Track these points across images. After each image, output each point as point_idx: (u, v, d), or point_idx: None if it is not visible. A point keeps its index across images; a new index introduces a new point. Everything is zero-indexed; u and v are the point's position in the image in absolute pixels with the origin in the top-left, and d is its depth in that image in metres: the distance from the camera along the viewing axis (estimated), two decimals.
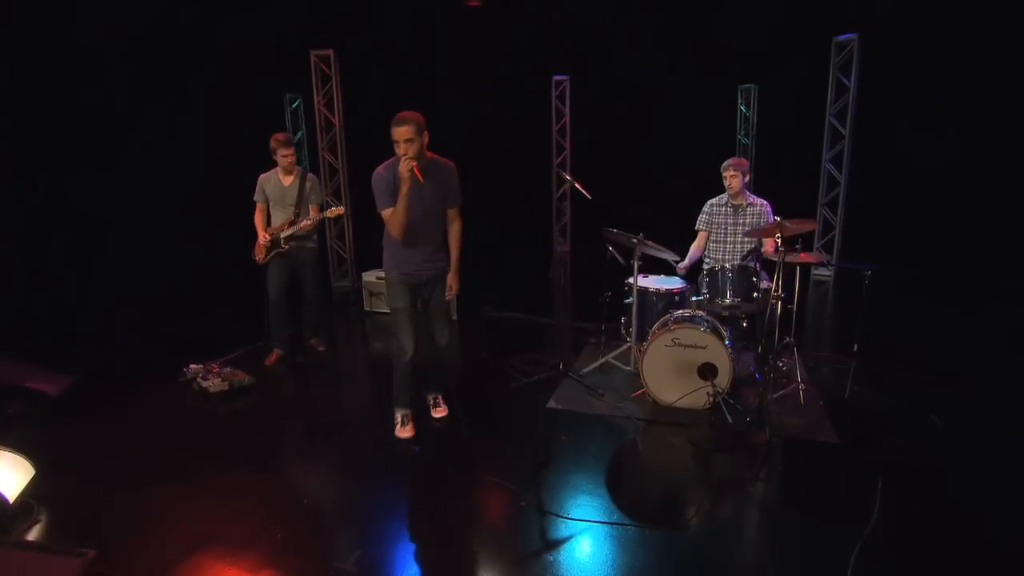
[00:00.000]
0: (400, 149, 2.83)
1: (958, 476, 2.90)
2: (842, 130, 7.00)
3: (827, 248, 7.28)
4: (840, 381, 3.91)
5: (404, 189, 2.85)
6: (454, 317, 5.61)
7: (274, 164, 4.27)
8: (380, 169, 2.96)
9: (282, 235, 4.29)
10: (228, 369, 4.16)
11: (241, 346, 4.75)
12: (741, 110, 9.43)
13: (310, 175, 4.38)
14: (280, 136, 4.20)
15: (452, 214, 3.19)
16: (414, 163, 2.81)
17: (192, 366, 4.19)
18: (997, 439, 3.27)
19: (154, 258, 6.02)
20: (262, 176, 4.31)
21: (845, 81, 6.91)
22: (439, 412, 3.56)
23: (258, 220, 4.32)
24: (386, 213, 2.94)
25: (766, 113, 9.19)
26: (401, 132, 2.81)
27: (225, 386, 3.93)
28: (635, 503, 2.73)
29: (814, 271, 7.30)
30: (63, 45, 5.29)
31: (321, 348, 4.83)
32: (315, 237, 4.49)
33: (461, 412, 3.44)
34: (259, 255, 4.35)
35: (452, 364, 4.68)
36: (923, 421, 3.39)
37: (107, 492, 2.85)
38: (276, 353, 4.57)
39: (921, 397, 3.63)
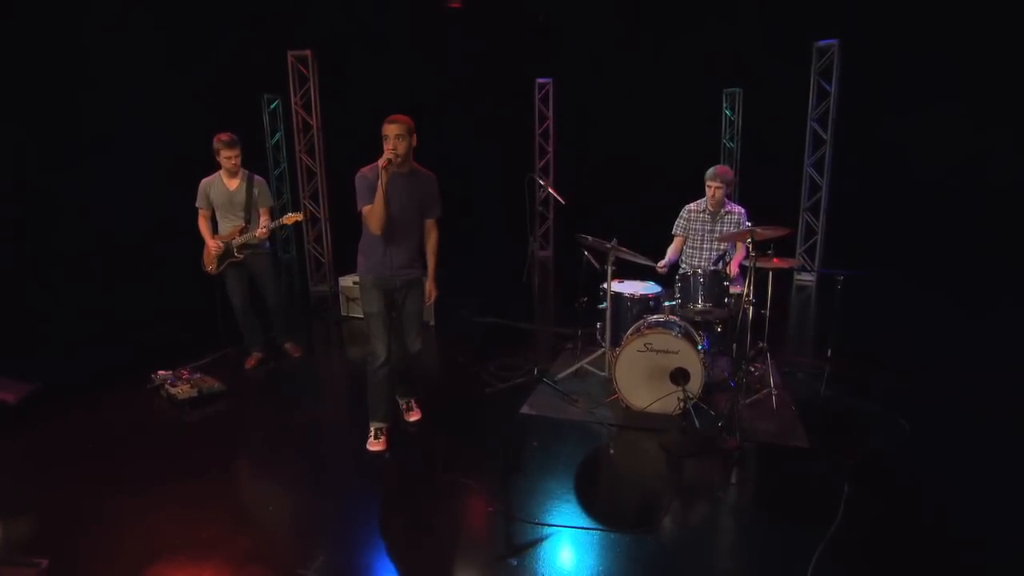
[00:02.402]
0: (389, 144, 2.95)
1: (923, 479, 2.98)
2: (823, 135, 7.14)
3: (809, 253, 7.41)
4: (814, 386, 4.00)
5: (383, 179, 2.93)
6: (432, 323, 5.65)
7: (217, 167, 4.13)
8: (364, 170, 3.08)
9: (234, 243, 4.19)
10: (198, 375, 4.16)
11: (212, 352, 4.74)
12: (726, 114, 9.57)
13: (257, 178, 4.24)
14: (224, 136, 4.01)
15: (431, 224, 3.30)
16: (393, 157, 2.92)
17: (160, 372, 4.17)
18: (965, 442, 3.36)
19: (122, 262, 5.99)
20: (204, 180, 4.14)
21: (826, 86, 7.05)
22: (412, 416, 3.62)
23: (203, 227, 4.19)
24: (366, 209, 3.04)
25: (751, 117, 9.34)
26: (392, 128, 2.96)
27: (194, 392, 3.93)
28: (603, 507, 2.78)
29: (796, 277, 7.42)
30: (33, 44, 5.29)
31: (296, 354, 4.84)
32: (268, 244, 4.39)
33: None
34: (209, 265, 4.24)
35: (427, 369, 4.74)
36: (893, 425, 3.48)
37: (65, 502, 2.84)
38: (255, 356, 4.58)
39: (892, 401, 3.72)
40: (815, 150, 7.25)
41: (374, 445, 3.29)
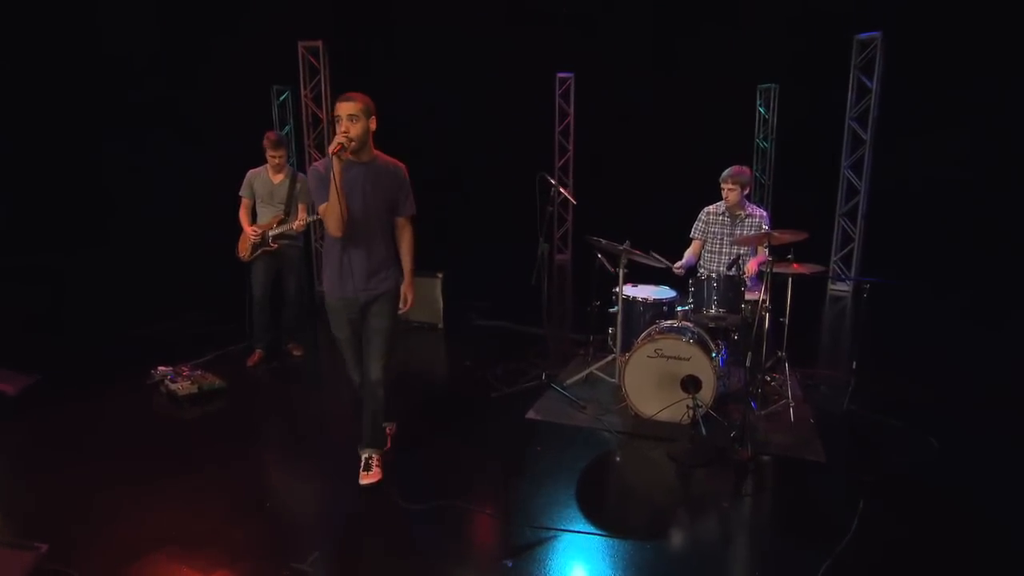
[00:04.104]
0: (341, 126, 2.72)
1: (950, 500, 3.03)
2: (863, 135, 7.15)
3: (845, 261, 7.42)
4: (838, 399, 4.06)
5: (336, 169, 2.67)
6: (440, 325, 5.83)
7: (264, 161, 4.58)
8: (317, 163, 2.85)
9: (271, 233, 4.57)
10: (198, 372, 4.39)
11: (215, 349, 4.98)
12: (760, 111, 9.61)
13: (300, 175, 4.67)
14: (272, 136, 4.52)
15: (403, 223, 3.04)
16: (345, 141, 2.67)
17: (161, 368, 4.42)
18: (996, 463, 3.40)
19: (129, 257, 6.29)
20: (251, 171, 4.61)
21: (867, 83, 7.05)
22: (366, 478, 3.05)
23: (243, 215, 4.60)
24: (322, 208, 2.80)
25: (787, 115, 9.37)
26: (346, 107, 2.73)
27: (194, 389, 4.15)
28: (604, 514, 2.90)
29: (831, 286, 7.44)
30: (53, 37, 5.63)
31: (297, 353, 5.06)
32: (301, 238, 4.79)
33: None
34: (244, 252, 4.62)
35: (433, 372, 4.91)
36: (920, 442, 3.53)
37: (64, 492, 3.05)
38: (258, 353, 4.84)
39: (921, 417, 3.77)
40: (853, 151, 7.27)
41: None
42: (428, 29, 8.17)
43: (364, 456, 3.11)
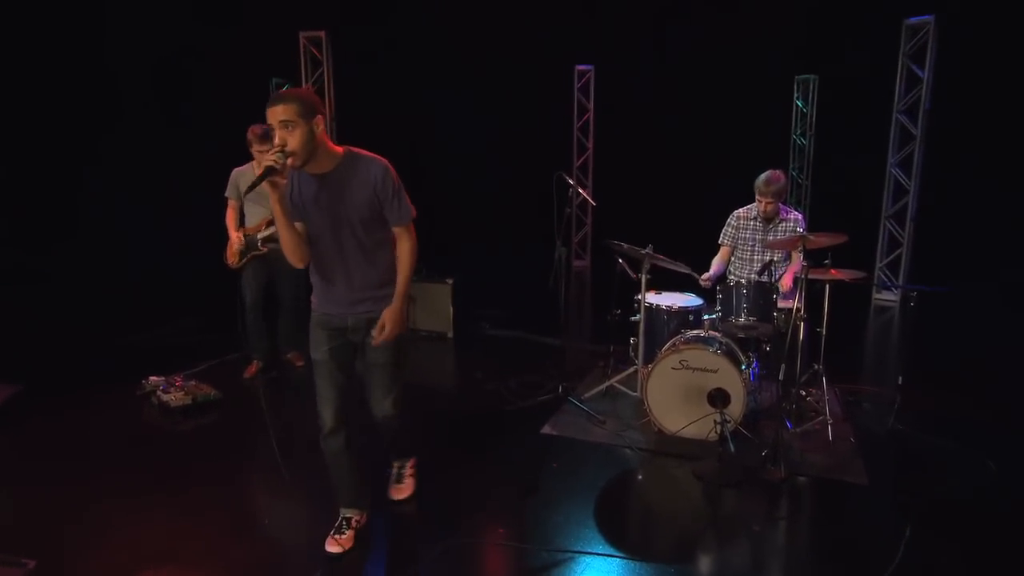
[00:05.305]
0: (276, 139, 2.34)
1: (1007, 527, 3.01)
2: (913, 129, 7.14)
3: (892, 268, 7.39)
4: (882, 417, 4.07)
5: (274, 196, 2.40)
6: (450, 334, 5.91)
7: (251, 157, 4.59)
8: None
9: (259, 236, 4.60)
10: (192, 382, 4.51)
11: (210, 359, 5.09)
12: (797, 105, 9.63)
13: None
14: (257, 129, 4.40)
15: (398, 233, 2.65)
16: (276, 160, 2.32)
17: (152, 378, 4.53)
18: None
19: (119, 260, 6.45)
20: (236, 170, 4.60)
21: (917, 72, 7.04)
22: (398, 493, 3.17)
23: (230, 218, 4.61)
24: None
25: (827, 108, 9.38)
26: (276, 112, 2.31)
27: (188, 400, 4.26)
28: (624, 535, 2.93)
29: (876, 296, 7.41)
30: (48, 28, 5.84)
31: (299, 363, 5.15)
32: None
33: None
34: (232, 259, 4.65)
35: (442, 385, 4.99)
36: (975, 465, 3.52)
37: (51, 507, 3.15)
38: (255, 364, 4.92)
39: (977, 438, 3.77)
40: (901, 147, 7.26)
41: (332, 544, 2.75)
42: (438, 19, 8.30)
43: (396, 466, 3.23)
